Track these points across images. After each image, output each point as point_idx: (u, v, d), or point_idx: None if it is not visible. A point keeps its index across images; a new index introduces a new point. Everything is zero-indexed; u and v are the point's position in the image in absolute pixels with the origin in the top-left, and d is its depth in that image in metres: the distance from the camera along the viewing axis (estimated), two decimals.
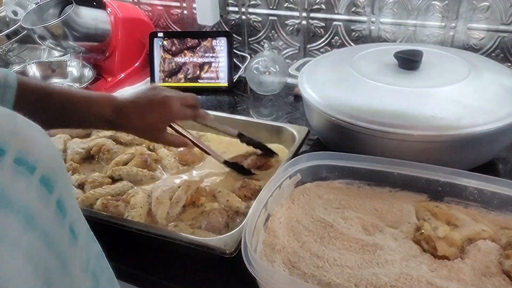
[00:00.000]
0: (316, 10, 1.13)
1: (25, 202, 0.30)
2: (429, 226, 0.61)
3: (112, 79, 1.23)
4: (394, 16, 1.06)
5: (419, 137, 0.72)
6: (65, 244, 0.34)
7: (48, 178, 0.32)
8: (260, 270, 0.51)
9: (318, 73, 0.90)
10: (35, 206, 0.31)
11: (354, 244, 0.61)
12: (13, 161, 0.29)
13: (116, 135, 0.93)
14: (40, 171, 0.31)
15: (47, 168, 0.32)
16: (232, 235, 0.61)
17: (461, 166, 0.69)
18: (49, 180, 0.32)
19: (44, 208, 0.32)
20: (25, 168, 0.30)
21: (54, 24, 1.08)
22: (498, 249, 0.59)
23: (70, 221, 0.35)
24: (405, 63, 0.84)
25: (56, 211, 0.33)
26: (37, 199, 0.31)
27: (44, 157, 0.32)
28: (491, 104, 0.75)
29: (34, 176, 0.31)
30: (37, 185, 0.31)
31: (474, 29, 1.00)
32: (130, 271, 0.67)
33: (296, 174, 0.69)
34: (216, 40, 1.19)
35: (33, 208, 0.30)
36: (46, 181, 0.32)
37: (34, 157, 0.31)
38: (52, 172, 0.33)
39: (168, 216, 0.71)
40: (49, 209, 0.32)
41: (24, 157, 0.30)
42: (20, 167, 0.30)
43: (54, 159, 0.34)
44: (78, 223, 0.37)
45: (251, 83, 1.15)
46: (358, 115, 0.75)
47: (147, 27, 1.28)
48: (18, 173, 0.30)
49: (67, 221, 0.35)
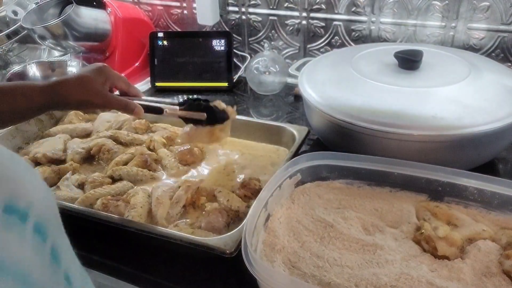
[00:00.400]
0: (316, 10, 1.13)
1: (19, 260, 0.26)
2: (429, 226, 0.61)
3: None
4: (394, 16, 1.06)
5: (419, 137, 0.72)
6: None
7: (41, 224, 0.29)
8: (260, 270, 0.51)
9: (318, 73, 0.90)
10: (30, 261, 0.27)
11: (354, 244, 0.61)
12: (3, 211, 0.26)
13: (116, 135, 0.93)
14: (33, 217, 0.28)
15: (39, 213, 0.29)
16: (232, 235, 0.61)
17: (461, 166, 0.68)
18: (42, 226, 0.29)
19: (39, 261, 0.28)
20: (17, 217, 0.27)
21: (54, 24, 1.08)
22: (498, 249, 0.59)
23: (65, 268, 0.32)
24: (405, 63, 0.84)
25: (51, 262, 0.30)
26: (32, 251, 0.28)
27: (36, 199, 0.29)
28: (491, 104, 0.75)
29: (26, 225, 0.27)
30: (31, 235, 0.28)
31: (474, 29, 1.00)
32: (130, 271, 0.67)
33: (296, 174, 0.69)
34: (216, 40, 1.19)
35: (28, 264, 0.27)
36: (39, 228, 0.29)
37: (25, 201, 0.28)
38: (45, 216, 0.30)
39: (168, 216, 0.71)
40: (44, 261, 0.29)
41: (14, 204, 0.27)
42: (11, 216, 0.26)
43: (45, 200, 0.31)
44: (73, 267, 0.34)
45: (251, 83, 1.15)
46: (358, 115, 0.75)
47: (147, 27, 1.28)
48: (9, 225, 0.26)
49: (62, 269, 0.31)
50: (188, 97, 0.80)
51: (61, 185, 0.80)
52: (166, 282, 0.64)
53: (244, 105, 1.14)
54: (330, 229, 0.63)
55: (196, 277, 0.64)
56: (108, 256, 0.69)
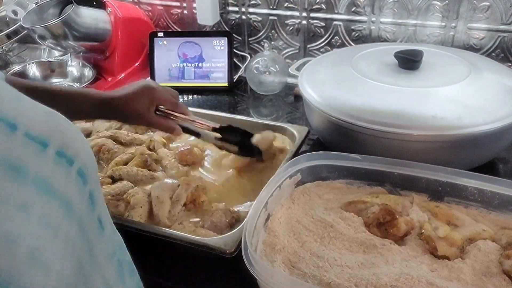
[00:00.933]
0: (316, 10, 1.13)
1: (65, 191, 0.33)
2: (430, 226, 0.61)
3: (112, 79, 1.23)
4: (394, 16, 1.06)
5: (419, 137, 0.72)
6: (94, 233, 0.37)
7: (84, 171, 0.35)
8: (260, 270, 0.51)
9: (318, 73, 0.90)
10: (73, 194, 0.34)
11: (354, 244, 0.61)
12: (55, 153, 0.33)
13: (116, 135, 0.93)
14: (77, 164, 0.35)
15: (83, 163, 0.35)
16: (232, 235, 0.61)
17: (461, 166, 0.68)
18: (84, 173, 0.35)
19: (80, 198, 0.35)
20: (65, 160, 0.34)
21: (54, 24, 1.08)
22: (499, 249, 0.59)
23: (99, 212, 0.38)
24: (405, 63, 0.84)
25: (88, 202, 0.36)
26: (75, 188, 0.34)
27: (81, 153, 0.36)
28: (491, 104, 0.75)
29: (72, 168, 0.34)
30: (75, 176, 0.34)
31: (475, 29, 1.00)
32: None
33: (296, 174, 0.69)
34: (216, 40, 1.19)
35: (72, 196, 0.33)
36: (82, 174, 0.35)
37: (72, 152, 0.34)
38: (87, 166, 0.36)
39: (170, 215, 0.71)
40: (84, 199, 0.35)
41: (64, 151, 0.34)
42: (61, 158, 0.33)
43: (88, 156, 0.38)
44: (105, 216, 0.40)
45: (251, 83, 1.15)
46: (358, 115, 0.75)
47: (147, 27, 1.28)
48: (59, 164, 0.33)
49: (96, 213, 0.38)
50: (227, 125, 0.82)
51: None
52: (166, 282, 0.64)
53: (244, 105, 1.14)
54: (330, 229, 0.63)
55: (196, 277, 0.64)
56: None
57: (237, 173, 0.82)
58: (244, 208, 0.73)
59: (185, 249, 0.63)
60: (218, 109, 1.08)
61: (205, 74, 1.21)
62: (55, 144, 0.33)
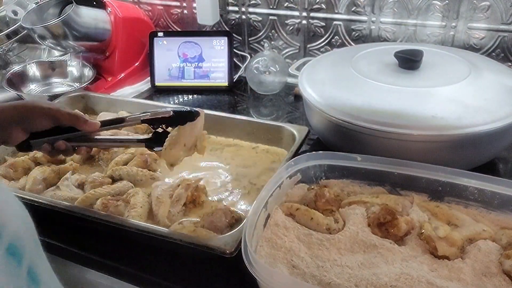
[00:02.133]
0: (316, 9, 1.13)
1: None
2: (430, 226, 0.61)
3: (112, 79, 1.23)
4: (394, 16, 1.06)
5: (419, 137, 0.72)
6: None
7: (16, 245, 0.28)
8: (260, 270, 0.51)
9: (318, 72, 0.90)
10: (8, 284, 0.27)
11: (354, 244, 0.61)
12: None
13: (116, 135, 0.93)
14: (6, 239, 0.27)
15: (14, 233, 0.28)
16: (232, 235, 0.61)
17: (462, 166, 0.68)
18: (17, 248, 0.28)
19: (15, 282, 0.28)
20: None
21: (54, 23, 1.08)
22: (499, 249, 0.59)
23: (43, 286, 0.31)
24: (405, 63, 0.84)
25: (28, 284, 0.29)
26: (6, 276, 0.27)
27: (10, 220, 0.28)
28: (491, 104, 0.75)
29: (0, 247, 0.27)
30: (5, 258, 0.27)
31: (475, 28, 1.00)
32: (130, 271, 0.67)
33: (296, 174, 0.69)
34: (216, 40, 1.19)
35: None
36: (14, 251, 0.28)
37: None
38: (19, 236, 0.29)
39: (170, 215, 0.71)
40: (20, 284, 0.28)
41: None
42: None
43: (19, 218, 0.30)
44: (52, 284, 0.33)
45: (251, 82, 1.15)
46: (358, 115, 0.75)
47: (147, 26, 1.28)
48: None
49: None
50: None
51: (61, 185, 0.80)
52: (166, 282, 0.64)
53: (244, 105, 1.14)
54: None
55: (196, 277, 0.64)
56: (108, 256, 0.69)
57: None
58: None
59: (185, 249, 0.63)
60: (218, 109, 1.08)
61: (205, 74, 1.21)
62: None
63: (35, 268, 0.30)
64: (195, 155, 0.73)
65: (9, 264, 0.27)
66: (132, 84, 1.24)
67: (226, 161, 0.87)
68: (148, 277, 0.66)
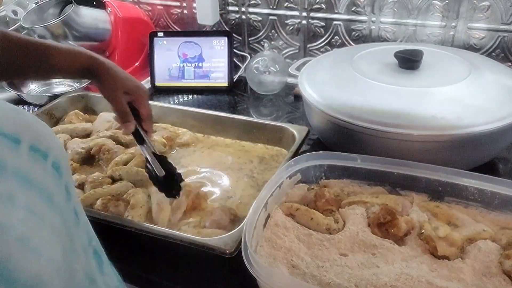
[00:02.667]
0: (316, 9, 1.13)
1: (44, 183, 0.34)
2: (430, 226, 0.61)
3: None
4: (394, 16, 1.06)
5: (419, 137, 0.72)
6: (72, 223, 0.38)
7: (58, 164, 0.36)
8: (260, 270, 0.51)
9: (318, 72, 0.90)
10: (52, 187, 0.35)
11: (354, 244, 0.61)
12: (29, 148, 0.34)
13: (116, 135, 0.93)
14: (51, 158, 0.35)
15: (56, 156, 0.36)
16: (232, 235, 0.61)
17: (462, 166, 0.68)
18: (59, 166, 0.36)
19: (58, 190, 0.36)
20: (40, 155, 0.34)
21: (54, 23, 1.08)
22: (499, 249, 0.59)
23: (74, 204, 0.39)
24: (405, 63, 0.84)
25: (65, 194, 0.37)
26: (52, 181, 0.35)
27: (53, 147, 0.37)
28: (491, 104, 0.75)
29: (47, 161, 0.35)
30: (51, 169, 0.35)
31: (475, 28, 1.00)
32: (131, 271, 0.67)
33: (296, 174, 0.69)
34: (216, 40, 1.19)
35: (51, 189, 0.35)
36: (57, 167, 0.36)
37: (45, 146, 0.35)
38: (60, 160, 0.37)
39: (170, 223, 0.71)
40: (61, 192, 0.37)
41: (37, 146, 0.34)
42: (35, 153, 0.34)
43: (60, 149, 0.39)
44: (79, 206, 0.41)
45: (251, 82, 1.15)
46: (358, 115, 0.75)
47: (147, 26, 1.28)
48: (34, 158, 0.34)
49: (72, 204, 0.39)
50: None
51: None
52: (166, 282, 0.64)
53: (244, 105, 1.14)
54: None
55: (196, 277, 0.64)
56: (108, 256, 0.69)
57: None
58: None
59: (185, 249, 0.62)
60: (218, 109, 1.08)
61: (205, 74, 1.21)
62: (27, 140, 0.34)
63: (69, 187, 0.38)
64: (197, 156, 0.73)
65: (54, 175, 0.36)
66: None
67: (226, 161, 0.87)
68: (148, 277, 0.66)
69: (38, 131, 0.36)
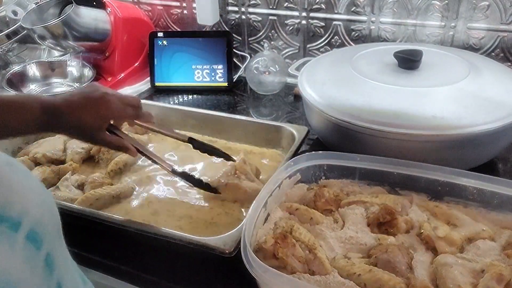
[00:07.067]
0: (316, 9, 1.13)
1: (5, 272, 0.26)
2: (429, 225, 0.61)
3: (112, 79, 1.23)
4: (394, 16, 1.06)
5: (419, 137, 0.72)
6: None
7: (36, 232, 0.28)
8: (259, 270, 0.51)
9: (318, 72, 0.90)
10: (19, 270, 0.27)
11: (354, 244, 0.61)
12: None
13: None
14: (26, 226, 0.28)
15: (35, 220, 0.28)
16: (231, 235, 0.61)
17: (461, 166, 0.68)
18: (37, 234, 0.29)
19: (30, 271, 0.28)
20: (7, 226, 0.27)
21: (54, 24, 1.08)
22: (498, 249, 0.59)
23: (58, 276, 0.31)
24: (405, 63, 0.84)
25: (44, 270, 0.29)
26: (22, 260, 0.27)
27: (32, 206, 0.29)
28: (491, 104, 0.75)
29: (19, 234, 0.27)
30: (23, 244, 0.27)
31: (474, 28, 1.00)
32: (130, 271, 0.67)
33: (296, 174, 0.69)
34: (216, 40, 1.19)
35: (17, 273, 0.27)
36: (34, 237, 0.28)
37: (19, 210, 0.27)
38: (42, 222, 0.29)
39: None
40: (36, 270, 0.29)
41: (5, 213, 0.27)
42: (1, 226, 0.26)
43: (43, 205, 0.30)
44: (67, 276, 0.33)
45: (251, 83, 1.15)
46: (358, 115, 0.75)
47: (147, 27, 1.28)
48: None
49: (55, 278, 0.31)
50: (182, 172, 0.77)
51: (61, 186, 0.80)
52: (166, 282, 0.64)
53: (244, 105, 1.14)
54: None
55: (196, 277, 0.64)
56: (108, 256, 0.69)
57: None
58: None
59: (185, 249, 0.63)
60: (218, 109, 1.08)
61: (205, 74, 1.21)
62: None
63: (53, 254, 0.30)
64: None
65: (27, 249, 0.28)
66: (132, 84, 1.24)
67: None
68: (148, 277, 0.66)
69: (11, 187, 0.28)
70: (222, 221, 0.73)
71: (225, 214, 0.74)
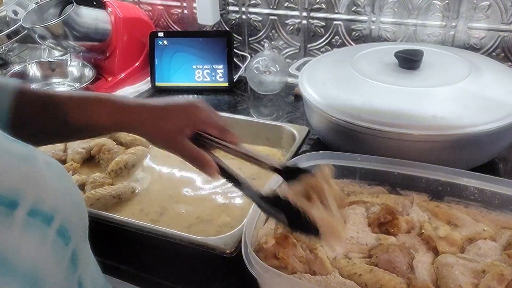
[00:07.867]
0: (316, 9, 1.13)
1: (33, 263, 0.27)
2: (430, 225, 0.61)
3: (113, 79, 1.23)
4: (394, 16, 1.06)
5: (420, 137, 0.72)
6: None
7: (66, 228, 0.30)
8: (260, 270, 0.51)
9: (319, 72, 0.90)
10: (46, 265, 0.28)
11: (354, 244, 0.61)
12: (27, 214, 0.27)
13: (116, 135, 0.93)
14: (57, 221, 0.29)
15: (64, 217, 0.29)
16: (232, 235, 0.61)
17: (462, 165, 0.68)
18: (67, 230, 0.30)
19: (56, 263, 0.29)
20: (41, 220, 0.28)
21: (54, 23, 1.08)
22: (499, 249, 0.59)
23: (80, 275, 0.32)
24: (405, 63, 0.84)
25: (68, 265, 0.30)
26: (50, 254, 0.28)
27: (62, 205, 0.30)
28: (491, 104, 0.75)
29: (50, 227, 0.28)
30: (53, 238, 0.29)
31: (475, 28, 1.00)
32: (130, 271, 0.67)
33: None
34: (216, 39, 1.19)
35: (43, 268, 0.27)
36: (64, 232, 0.29)
37: (51, 205, 0.28)
38: (71, 221, 0.30)
39: None
40: (62, 263, 0.30)
41: (40, 207, 0.28)
42: (34, 219, 0.27)
43: (73, 207, 0.31)
44: (86, 274, 0.34)
45: (252, 82, 1.15)
46: (358, 114, 0.75)
47: (147, 26, 1.28)
48: (30, 228, 0.27)
49: (77, 276, 0.32)
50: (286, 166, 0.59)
51: None
52: (166, 282, 0.64)
53: (244, 105, 1.14)
54: None
55: (196, 277, 0.64)
56: (108, 256, 0.69)
57: None
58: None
59: (185, 249, 0.63)
60: (218, 109, 1.06)
61: (205, 74, 1.21)
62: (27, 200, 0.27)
63: (79, 253, 0.32)
64: None
65: (57, 242, 0.29)
66: (132, 84, 1.24)
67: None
68: (148, 277, 0.66)
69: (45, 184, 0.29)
70: (224, 221, 0.73)
71: (227, 214, 0.74)
